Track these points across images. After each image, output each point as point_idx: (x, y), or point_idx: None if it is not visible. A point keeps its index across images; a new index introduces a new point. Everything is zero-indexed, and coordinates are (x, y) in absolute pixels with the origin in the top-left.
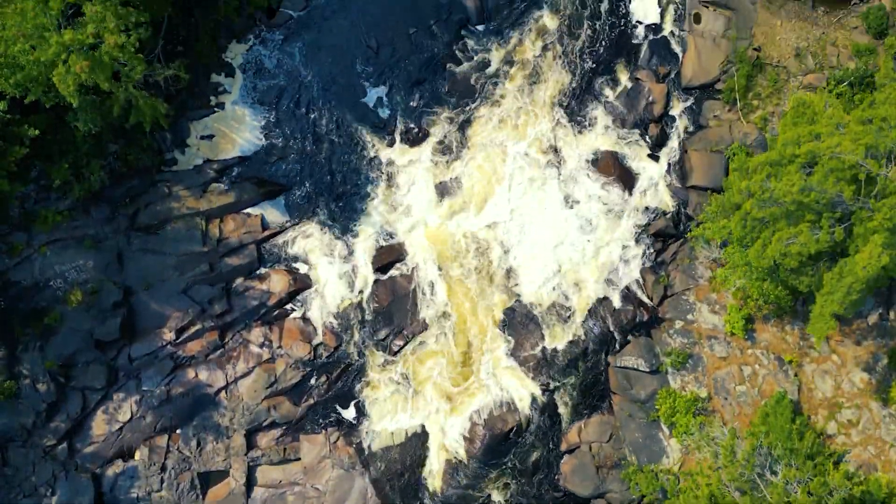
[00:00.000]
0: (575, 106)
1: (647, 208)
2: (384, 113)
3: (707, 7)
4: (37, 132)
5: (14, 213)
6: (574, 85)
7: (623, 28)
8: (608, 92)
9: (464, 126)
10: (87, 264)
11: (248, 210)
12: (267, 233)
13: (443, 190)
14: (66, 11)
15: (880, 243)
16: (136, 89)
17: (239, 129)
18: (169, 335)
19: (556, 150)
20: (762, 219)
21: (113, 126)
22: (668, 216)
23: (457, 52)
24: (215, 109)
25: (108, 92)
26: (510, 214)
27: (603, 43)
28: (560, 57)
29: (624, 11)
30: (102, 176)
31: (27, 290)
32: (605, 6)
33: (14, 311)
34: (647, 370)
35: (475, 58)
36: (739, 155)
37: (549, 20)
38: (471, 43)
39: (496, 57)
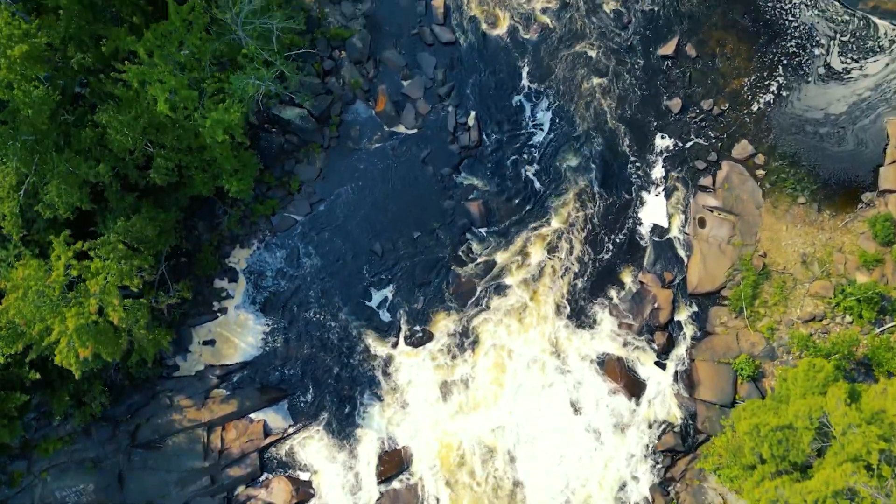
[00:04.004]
0: (580, 308)
1: (655, 421)
2: (388, 315)
3: (711, 211)
4: (38, 375)
5: (14, 443)
6: (579, 287)
7: (628, 229)
8: (613, 295)
9: (468, 327)
10: (87, 487)
11: (251, 415)
12: (269, 440)
13: (447, 392)
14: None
15: None
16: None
17: (241, 334)
18: None
19: (561, 353)
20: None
21: None
22: (677, 430)
23: (461, 254)
24: (218, 314)
25: None
26: (516, 419)
27: (607, 244)
28: (564, 258)
29: (629, 213)
30: (104, 401)
31: None
32: (609, 207)
33: None
34: None
35: (479, 260)
36: (746, 414)
37: (553, 222)
38: (475, 245)
39: (500, 259)
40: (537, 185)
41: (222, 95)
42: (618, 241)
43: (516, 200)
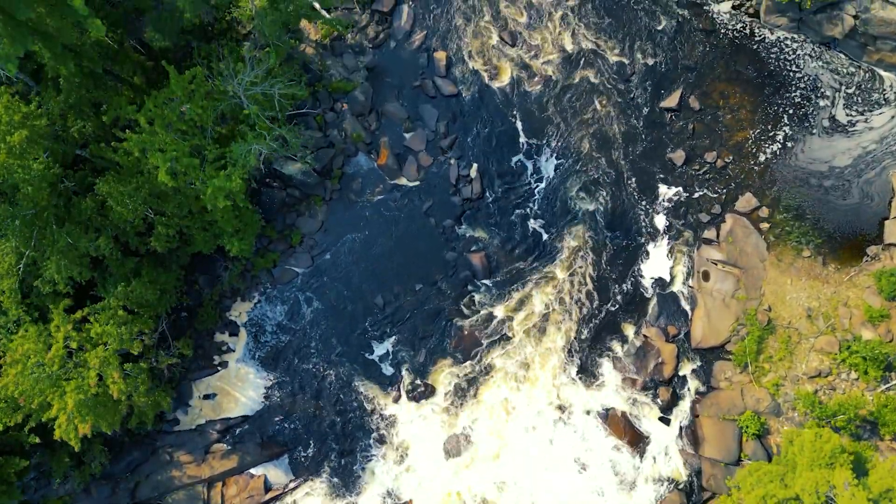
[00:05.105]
0: (584, 362)
1: (659, 478)
2: (390, 368)
3: (715, 265)
4: (37, 440)
5: None
6: (582, 339)
7: (631, 282)
8: (617, 348)
9: (471, 381)
10: None
11: (252, 470)
12: (270, 495)
13: (450, 446)
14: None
15: None
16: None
17: (242, 388)
18: None
19: (564, 408)
20: None
21: None
22: (681, 487)
23: (463, 306)
24: (218, 368)
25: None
26: (519, 474)
27: (610, 297)
28: (567, 310)
29: (632, 266)
30: (104, 461)
31: None
32: (612, 260)
33: None
34: None
35: (481, 312)
36: (752, 479)
37: (556, 273)
38: (477, 297)
39: (503, 311)
40: (540, 236)
41: (224, 161)
42: (621, 293)
43: (519, 252)
